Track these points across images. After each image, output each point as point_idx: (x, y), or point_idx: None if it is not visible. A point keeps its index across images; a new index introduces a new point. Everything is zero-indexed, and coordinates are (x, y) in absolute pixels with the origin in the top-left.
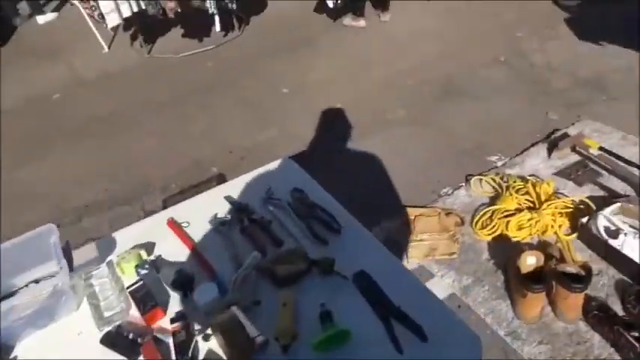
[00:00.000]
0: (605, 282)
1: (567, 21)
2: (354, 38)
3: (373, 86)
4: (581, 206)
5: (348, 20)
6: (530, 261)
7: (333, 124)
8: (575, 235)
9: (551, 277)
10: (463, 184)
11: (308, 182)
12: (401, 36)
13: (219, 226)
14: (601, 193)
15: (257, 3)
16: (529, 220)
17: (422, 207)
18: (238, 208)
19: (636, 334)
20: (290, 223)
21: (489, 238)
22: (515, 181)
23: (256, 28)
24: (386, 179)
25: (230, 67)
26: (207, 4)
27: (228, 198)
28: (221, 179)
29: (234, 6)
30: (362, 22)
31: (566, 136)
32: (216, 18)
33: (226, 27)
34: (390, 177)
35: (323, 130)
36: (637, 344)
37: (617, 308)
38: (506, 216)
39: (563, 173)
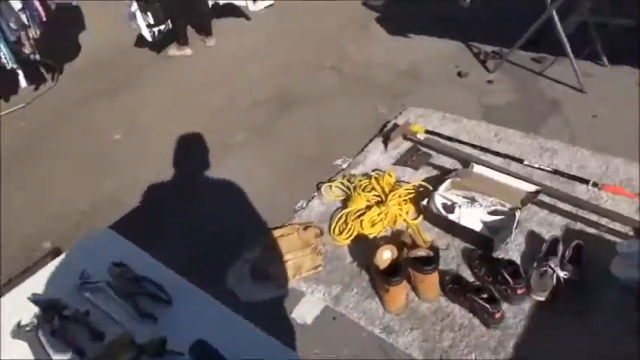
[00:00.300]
0: (453, 254)
1: (378, 20)
2: (181, 68)
3: (209, 114)
4: (421, 189)
5: (173, 50)
6: (385, 255)
7: (175, 162)
8: (420, 217)
9: (406, 266)
10: (315, 194)
11: (131, 252)
12: (229, 59)
13: (24, 334)
14: (435, 172)
15: (68, 48)
16: (379, 214)
17: (281, 227)
18: (46, 306)
19: (485, 296)
20: (112, 306)
21: (348, 241)
22: (360, 180)
23: (72, 75)
24: (240, 207)
25: (48, 123)
26: (3, 60)
27: (32, 297)
28: (56, 254)
29: (38, 56)
30: (187, 51)
31: (396, 126)
32: (20, 73)
33: (35, 80)
34: (244, 203)
35: (165, 170)
36: (487, 305)
37: (468, 275)
38: (358, 216)
39: (400, 161)
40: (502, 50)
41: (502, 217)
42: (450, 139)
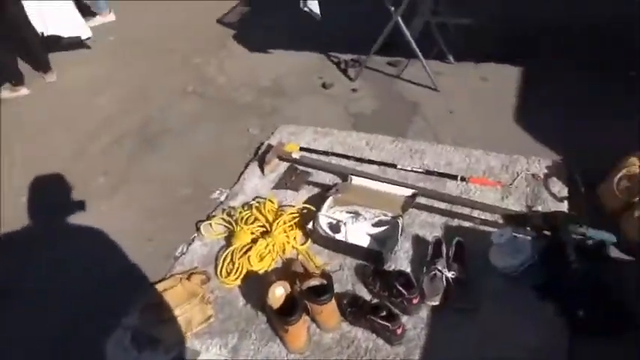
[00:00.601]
0: (347, 274)
1: (235, 37)
2: (18, 111)
3: (59, 161)
4: (305, 211)
5: (5, 93)
6: (278, 292)
7: (28, 216)
8: (309, 241)
9: (302, 299)
10: (195, 234)
11: None
12: (75, 94)
13: None
14: (316, 190)
15: None
16: (266, 246)
17: (161, 280)
18: None
19: (384, 314)
20: None
21: (238, 282)
22: (241, 212)
23: None
24: (111, 263)
25: None
26: None
27: None
28: None
29: None
30: (23, 91)
31: (270, 147)
32: None
33: None
34: (115, 259)
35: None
36: (387, 323)
37: (365, 293)
38: (245, 252)
39: (280, 184)
40: (360, 57)
41: (387, 227)
42: (324, 153)
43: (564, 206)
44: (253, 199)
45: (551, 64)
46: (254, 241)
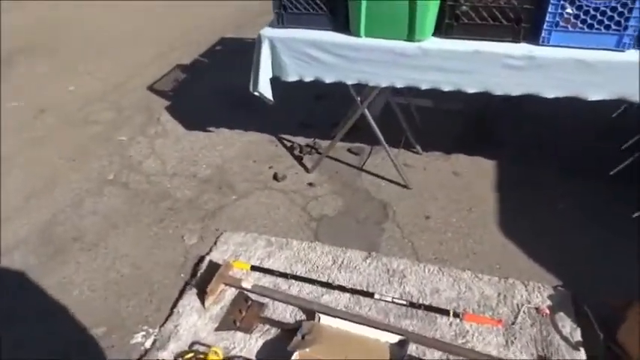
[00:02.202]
0: None
1: (169, 109)
2: None
3: None
4: None
5: None
6: None
7: None
8: None
9: None
10: None
11: None
12: None
13: None
14: (274, 331)
15: None
16: None
17: None
18: None
19: None
20: None
21: None
22: None
23: None
24: None
25: None
26: None
27: None
28: None
29: None
30: None
31: (213, 266)
32: None
33: None
34: None
35: None
36: None
37: None
38: None
39: (227, 323)
40: (316, 142)
41: None
42: (283, 275)
43: (581, 355)
44: (190, 347)
45: (528, 157)
46: None
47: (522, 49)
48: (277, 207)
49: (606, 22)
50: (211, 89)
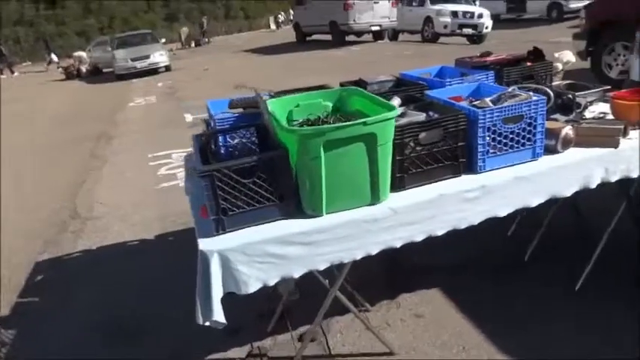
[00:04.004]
0: None
1: None
2: None
3: None
4: None
5: None
6: None
7: None
8: None
9: None
10: None
11: None
12: None
13: None
14: None
15: None
16: None
17: None
18: None
19: None
20: None
21: None
22: None
23: None
24: None
25: None
26: None
27: None
28: None
29: None
30: None
31: None
32: None
33: None
34: None
35: None
36: None
37: None
38: None
39: None
40: (257, 348)
41: None
42: None
43: None
44: None
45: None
46: None
47: (476, 181)
48: None
49: (521, 141)
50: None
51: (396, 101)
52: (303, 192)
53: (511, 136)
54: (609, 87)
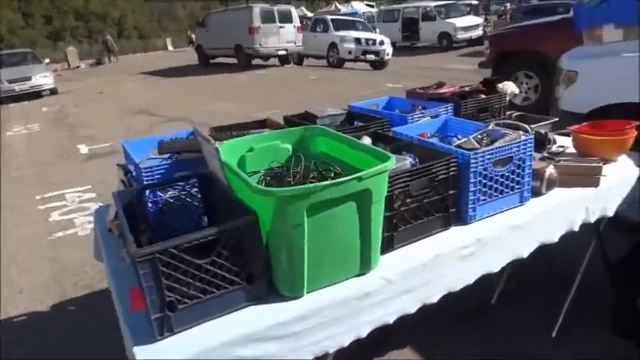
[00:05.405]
0: None
1: None
2: None
3: None
4: None
5: None
6: None
7: None
8: None
9: None
10: None
11: None
12: None
13: None
14: None
15: None
16: None
17: None
18: None
19: None
20: None
21: None
22: None
23: None
24: None
25: None
26: None
27: None
28: None
29: None
30: None
31: None
32: None
33: None
34: None
35: None
36: None
37: None
38: None
39: None
40: None
41: None
42: None
43: None
44: None
45: None
46: None
47: (469, 233)
48: None
49: (510, 184)
50: None
51: (366, 141)
52: (279, 268)
53: (501, 180)
54: (557, 119)
